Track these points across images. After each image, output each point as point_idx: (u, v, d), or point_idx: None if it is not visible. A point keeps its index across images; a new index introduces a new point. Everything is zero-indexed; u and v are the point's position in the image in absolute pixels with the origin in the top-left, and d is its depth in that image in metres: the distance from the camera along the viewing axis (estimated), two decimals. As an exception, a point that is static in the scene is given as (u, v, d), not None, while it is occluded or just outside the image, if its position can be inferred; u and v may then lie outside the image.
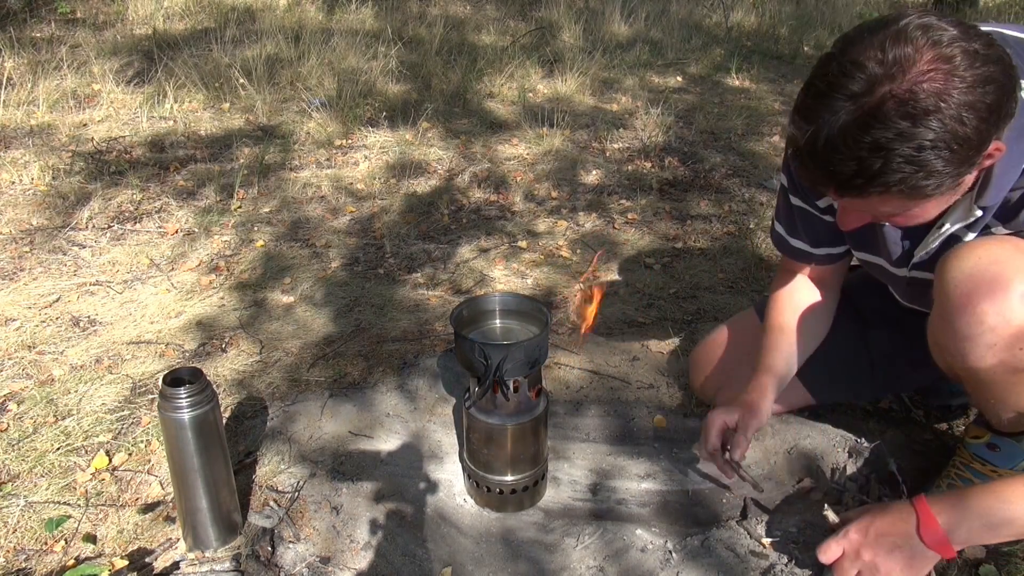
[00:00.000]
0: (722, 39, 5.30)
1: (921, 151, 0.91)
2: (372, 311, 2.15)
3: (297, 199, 2.86)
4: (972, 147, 0.93)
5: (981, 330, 1.08)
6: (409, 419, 1.71)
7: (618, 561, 1.35)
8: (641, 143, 3.43)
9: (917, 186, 0.95)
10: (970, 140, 0.92)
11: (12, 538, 1.39)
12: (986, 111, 0.91)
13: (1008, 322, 1.06)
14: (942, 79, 0.89)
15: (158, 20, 5.16)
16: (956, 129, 0.90)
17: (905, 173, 0.93)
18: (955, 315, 1.11)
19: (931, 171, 0.93)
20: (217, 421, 1.29)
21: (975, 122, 0.90)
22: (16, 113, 3.50)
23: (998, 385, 1.15)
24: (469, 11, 5.86)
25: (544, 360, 1.38)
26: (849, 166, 0.94)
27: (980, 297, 1.07)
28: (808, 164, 0.99)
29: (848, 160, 0.94)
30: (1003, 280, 1.06)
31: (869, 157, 0.93)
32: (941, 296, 1.14)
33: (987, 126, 0.92)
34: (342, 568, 1.33)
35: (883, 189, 0.96)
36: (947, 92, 0.89)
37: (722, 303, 2.20)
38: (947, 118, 0.89)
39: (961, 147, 0.92)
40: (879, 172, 0.93)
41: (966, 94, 0.89)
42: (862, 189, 0.97)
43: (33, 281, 2.28)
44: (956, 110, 0.89)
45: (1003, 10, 6.44)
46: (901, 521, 1.15)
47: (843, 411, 1.70)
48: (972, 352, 1.10)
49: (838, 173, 0.96)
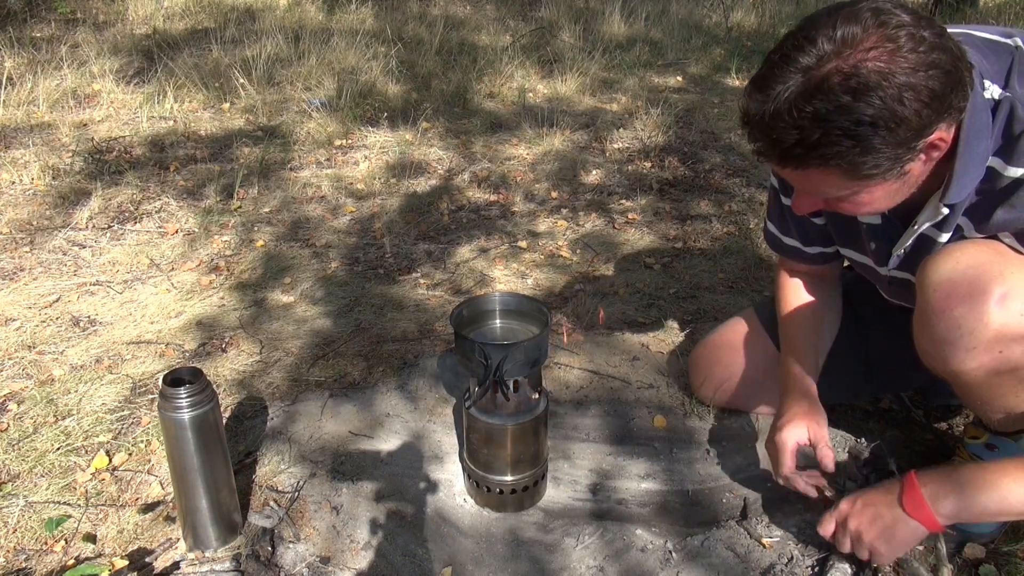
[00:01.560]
0: (722, 39, 5.30)
1: (859, 126, 0.93)
2: (372, 311, 2.15)
3: (297, 199, 2.86)
4: (911, 129, 0.95)
5: (960, 334, 1.09)
6: (409, 419, 1.71)
7: (618, 561, 1.35)
8: (641, 143, 3.43)
9: (854, 162, 0.97)
10: (908, 122, 0.94)
11: (12, 538, 1.39)
12: (928, 95, 0.93)
13: (986, 326, 1.06)
14: (886, 58, 0.92)
15: (158, 20, 5.16)
16: (895, 108, 0.92)
17: (843, 147, 0.95)
18: (934, 319, 1.11)
19: (868, 148, 0.95)
20: (217, 421, 1.29)
21: (915, 105, 0.93)
22: (16, 113, 3.50)
23: (982, 387, 1.16)
24: (469, 11, 5.86)
25: (544, 360, 1.38)
26: (791, 135, 0.97)
27: (958, 301, 1.08)
28: (755, 132, 1.02)
29: (790, 129, 0.96)
30: (981, 284, 1.07)
31: (810, 127, 0.95)
32: (921, 300, 1.15)
33: (928, 111, 0.94)
34: (342, 568, 1.33)
35: (821, 162, 0.99)
36: (890, 72, 0.91)
37: (722, 303, 2.20)
38: (888, 97, 0.92)
39: (899, 127, 0.94)
40: (817, 143, 0.96)
41: (908, 75, 0.92)
42: (802, 160, 0.99)
43: (33, 281, 2.28)
44: (897, 90, 0.92)
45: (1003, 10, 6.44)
46: (886, 492, 1.19)
47: (843, 411, 1.70)
48: (953, 356, 1.11)
49: (780, 141, 0.99)
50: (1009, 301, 1.05)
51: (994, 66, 1.06)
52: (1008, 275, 1.07)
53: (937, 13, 6.21)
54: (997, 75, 1.05)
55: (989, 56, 1.06)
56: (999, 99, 1.05)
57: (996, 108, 1.05)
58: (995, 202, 1.10)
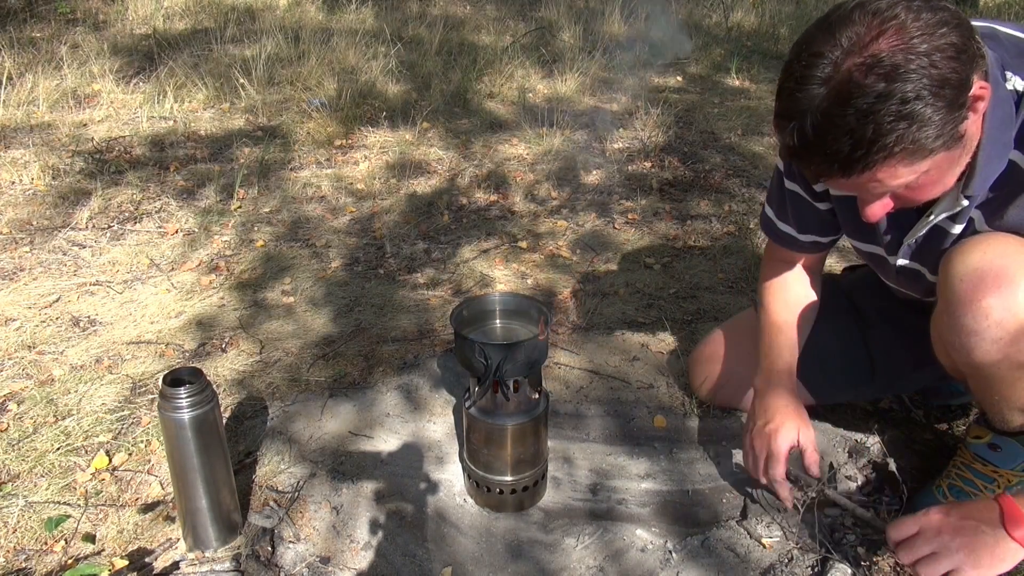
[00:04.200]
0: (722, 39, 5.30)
1: (907, 103, 0.92)
2: (372, 311, 2.15)
3: (297, 199, 2.86)
4: (954, 87, 0.93)
5: (987, 324, 1.08)
6: (409, 419, 1.71)
7: (618, 561, 1.35)
8: (641, 143, 3.43)
9: (917, 140, 0.95)
10: (949, 80, 0.92)
11: (12, 538, 1.39)
12: (953, 50, 0.92)
13: (1014, 316, 1.06)
14: (896, 35, 0.91)
15: (158, 20, 5.16)
16: (932, 73, 0.91)
17: (900, 130, 0.93)
18: (960, 310, 1.10)
19: (924, 121, 0.93)
20: (217, 421, 1.29)
21: (946, 63, 0.92)
22: (16, 113, 3.50)
23: (1003, 381, 1.15)
24: (469, 11, 5.85)
25: (544, 360, 1.38)
26: (844, 143, 0.95)
27: (985, 291, 1.07)
28: (806, 158, 1.00)
29: (841, 137, 0.94)
30: (1009, 275, 1.06)
31: (859, 127, 0.93)
32: (946, 291, 1.14)
33: (959, 64, 0.93)
34: (342, 568, 1.33)
35: (886, 154, 0.95)
36: (908, 45, 0.91)
37: (722, 303, 2.20)
38: (919, 67, 0.91)
39: (943, 89, 0.92)
40: (874, 137, 0.94)
41: (926, 41, 0.91)
42: (866, 161, 0.96)
43: (33, 281, 2.28)
44: (924, 58, 0.91)
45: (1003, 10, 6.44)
46: (986, 510, 1.11)
47: (843, 411, 1.70)
48: (978, 347, 1.10)
49: (836, 154, 0.96)
50: None
51: (1017, 60, 1.05)
52: None
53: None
54: (1021, 68, 1.05)
55: (1011, 50, 1.06)
56: (1022, 91, 1.04)
57: (1019, 100, 1.04)
58: (1010, 197, 1.09)
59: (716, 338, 1.72)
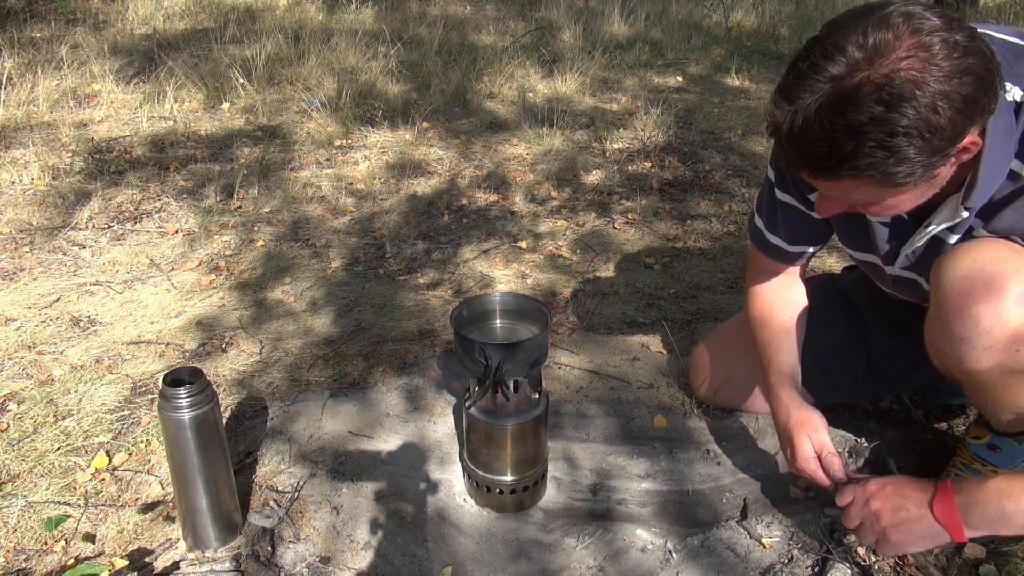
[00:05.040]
0: (722, 39, 5.30)
1: (893, 136, 0.91)
2: (372, 311, 2.15)
3: (297, 199, 2.86)
4: (945, 137, 0.93)
5: (977, 332, 1.08)
6: (409, 419, 1.71)
7: (618, 561, 1.35)
8: (641, 143, 3.43)
9: (888, 172, 0.95)
10: (943, 130, 0.92)
11: (12, 538, 1.39)
12: (962, 102, 0.91)
13: (1004, 324, 1.06)
14: (919, 67, 0.90)
15: (158, 20, 5.16)
16: (930, 118, 0.91)
17: (876, 158, 0.94)
18: (951, 317, 1.11)
19: (902, 158, 0.93)
20: (217, 421, 1.29)
21: (949, 112, 0.91)
22: (16, 113, 3.50)
23: (995, 387, 1.15)
24: (469, 11, 5.85)
25: (544, 360, 1.38)
26: (822, 147, 0.95)
27: (976, 299, 1.07)
28: (784, 144, 1.00)
29: (822, 141, 0.95)
30: (999, 282, 1.06)
31: (842, 139, 0.93)
32: (937, 298, 1.14)
33: (962, 117, 0.92)
34: (342, 568, 1.33)
35: (854, 173, 0.97)
36: (923, 80, 0.89)
37: (722, 303, 2.20)
38: (922, 106, 0.90)
39: (934, 136, 0.92)
40: (851, 155, 0.94)
41: (942, 83, 0.90)
42: (834, 171, 0.98)
43: (33, 281, 2.28)
44: (931, 99, 0.90)
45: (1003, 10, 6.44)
46: (919, 489, 1.17)
47: (843, 411, 1.70)
48: (969, 355, 1.10)
49: (812, 153, 0.97)
50: None
51: (1014, 68, 1.05)
52: None
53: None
54: (1019, 77, 1.05)
55: (1008, 58, 1.05)
56: (1021, 101, 1.04)
57: (1018, 110, 1.04)
58: (1008, 203, 1.09)
59: (716, 338, 1.72)
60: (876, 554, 1.33)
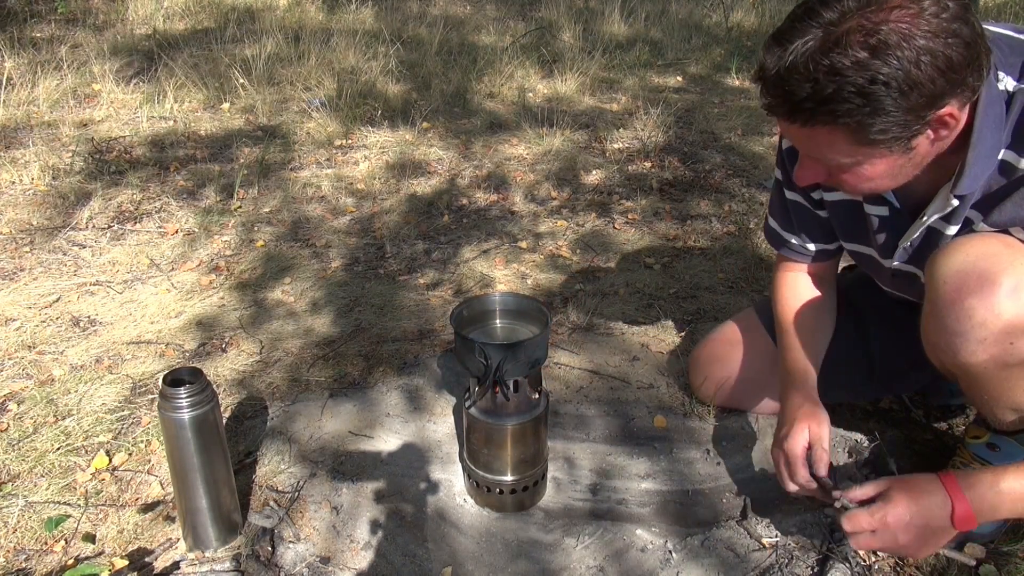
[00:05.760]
0: (722, 39, 5.30)
1: (873, 83, 0.94)
2: (372, 311, 2.15)
3: (297, 199, 2.86)
4: (923, 96, 0.95)
5: (971, 325, 1.08)
6: (409, 419, 1.71)
7: (618, 561, 1.35)
8: (641, 143, 3.43)
9: (863, 124, 0.97)
10: (922, 86, 0.94)
11: (12, 538, 1.39)
12: (945, 63, 0.93)
13: (997, 317, 1.06)
14: (909, 20, 0.92)
15: (158, 20, 5.16)
16: (911, 71, 0.93)
17: (853, 104, 0.96)
18: (945, 311, 1.11)
19: (878, 108, 0.95)
20: (217, 421, 1.29)
21: (931, 71, 0.93)
22: (16, 113, 3.50)
23: (991, 381, 1.16)
24: (469, 11, 5.86)
25: (544, 360, 1.38)
26: (804, 88, 0.97)
27: (969, 293, 1.08)
28: (768, 85, 1.03)
29: (804, 81, 0.97)
30: (992, 275, 1.07)
31: (824, 81, 0.95)
32: (931, 293, 1.15)
33: (943, 80, 0.94)
34: (342, 568, 1.33)
35: (830, 119, 0.99)
36: (911, 34, 0.92)
37: (722, 303, 2.20)
38: (905, 58, 0.92)
39: (912, 91, 0.94)
40: (829, 98, 0.96)
41: (929, 39, 0.92)
42: (811, 115, 1.00)
43: (33, 281, 2.28)
44: (915, 53, 0.92)
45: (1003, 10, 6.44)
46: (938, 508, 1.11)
47: (843, 411, 1.70)
48: (963, 348, 1.11)
49: (792, 94, 0.99)
50: (1020, 293, 1.05)
51: (1009, 59, 1.06)
52: (1019, 267, 1.06)
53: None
54: (1012, 68, 1.06)
55: (1004, 49, 1.07)
56: (1013, 91, 1.05)
57: (1010, 100, 1.05)
58: (1006, 195, 1.10)
59: (716, 338, 1.72)
60: (876, 553, 1.34)
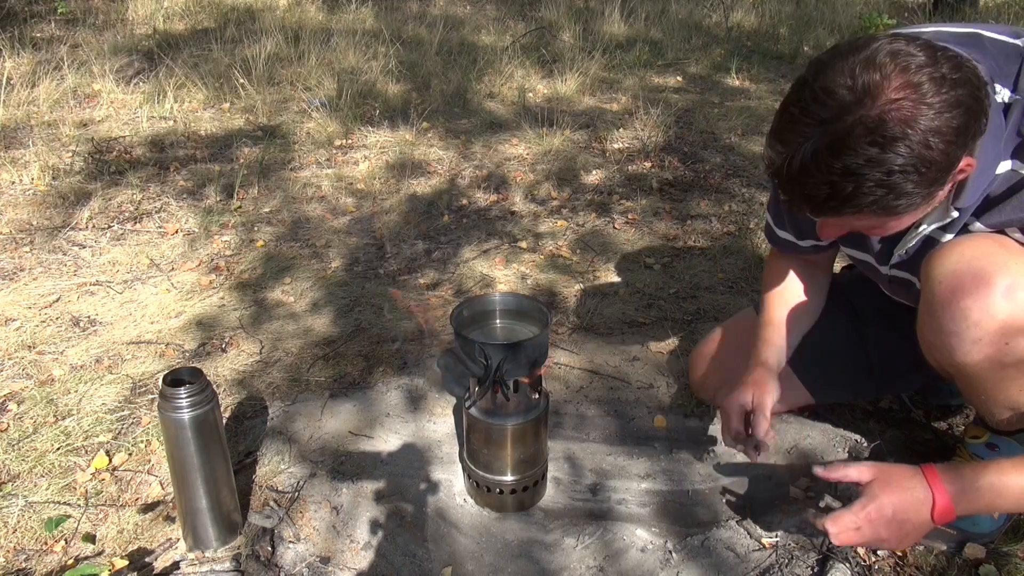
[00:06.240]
0: (722, 39, 5.30)
1: (891, 175, 0.94)
2: (372, 311, 2.15)
3: (297, 199, 2.86)
4: (940, 169, 0.96)
5: (966, 325, 1.09)
6: (409, 419, 1.71)
7: (618, 561, 1.35)
8: (641, 143, 3.43)
9: (889, 206, 0.98)
10: (937, 163, 0.94)
11: (12, 538, 1.39)
12: (953, 135, 0.93)
13: (992, 317, 1.07)
14: (910, 106, 0.91)
15: (158, 20, 5.16)
16: (923, 154, 0.93)
17: (877, 196, 0.96)
18: (940, 312, 1.12)
19: (901, 192, 0.96)
20: (217, 421, 1.29)
21: (942, 146, 0.93)
22: (16, 113, 3.50)
23: (987, 381, 1.17)
24: (469, 11, 5.86)
25: (544, 360, 1.38)
26: (822, 190, 0.97)
27: (964, 293, 1.09)
28: (785, 186, 1.02)
29: (821, 184, 0.97)
30: (986, 276, 1.08)
31: (841, 181, 0.95)
32: (927, 294, 1.15)
33: (954, 148, 0.95)
34: (342, 568, 1.33)
35: (856, 210, 0.99)
36: (914, 119, 0.91)
37: (722, 303, 2.20)
38: (914, 144, 0.92)
39: (929, 170, 0.94)
40: (851, 195, 0.96)
41: (933, 120, 0.92)
42: (837, 210, 1.00)
43: (33, 281, 2.28)
44: (923, 136, 0.92)
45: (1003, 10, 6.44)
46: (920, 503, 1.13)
47: (843, 411, 1.70)
48: (958, 348, 1.12)
49: (813, 196, 0.99)
50: (1015, 292, 1.06)
51: (1003, 68, 1.06)
52: (1014, 267, 1.07)
53: (936, 13, 6.21)
54: (1007, 78, 1.06)
55: (999, 58, 1.07)
56: (1010, 102, 1.05)
57: (1007, 111, 1.05)
58: (1005, 199, 1.10)
59: (716, 338, 1.72)
60: (876, 553, 1.34)
